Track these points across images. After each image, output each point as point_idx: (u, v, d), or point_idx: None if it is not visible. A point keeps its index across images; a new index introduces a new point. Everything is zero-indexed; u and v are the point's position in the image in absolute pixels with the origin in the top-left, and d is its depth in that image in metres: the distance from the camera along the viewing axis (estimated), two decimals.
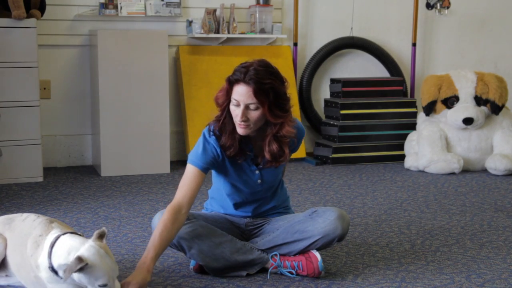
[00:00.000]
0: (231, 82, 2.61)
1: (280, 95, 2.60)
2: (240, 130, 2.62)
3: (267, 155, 2.68)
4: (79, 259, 2.24)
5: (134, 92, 4.80)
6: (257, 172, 2.77)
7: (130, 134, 4.82)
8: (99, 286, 2.30)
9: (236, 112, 2.60)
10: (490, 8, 6.15)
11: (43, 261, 2.37)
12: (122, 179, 4.69)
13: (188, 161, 2.70)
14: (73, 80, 5.11)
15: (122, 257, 3.03)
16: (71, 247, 2.32)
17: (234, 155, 2.68)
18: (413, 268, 2.93)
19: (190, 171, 2.67)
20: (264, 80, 2.55)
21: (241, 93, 2.57)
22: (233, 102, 2.61)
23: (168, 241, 2.57)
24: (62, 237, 2.37)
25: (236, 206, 2.86)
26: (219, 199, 2.89)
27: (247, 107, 2.58)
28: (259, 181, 2.79)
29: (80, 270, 2.24)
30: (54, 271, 2.33)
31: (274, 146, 2.66)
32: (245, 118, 2.59)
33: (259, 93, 2.55)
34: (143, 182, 4.61)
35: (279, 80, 2.61)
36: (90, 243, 2.32)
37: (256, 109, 2.58)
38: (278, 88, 2.59)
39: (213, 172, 2.85)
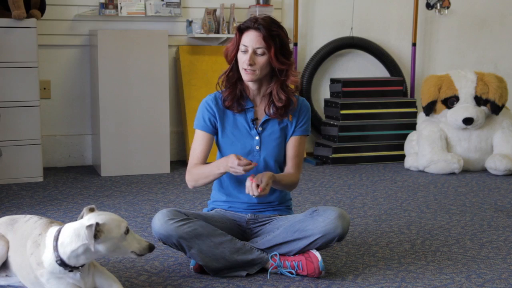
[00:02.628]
0: (241, 30, 2.80)
1: (285, 44, 2.80)
2: (246, 76, 2.79)
3: (280, 104, 2.82)
4: (89, 226, 2.28)
5: (134, 92, 4.80)
6: (257, 138, 2.84)
7: (130, 134, 4.82)
8: (125, 233, 2.36)
9: (243, 58, 2.77)
10: (490, 8, 6.15)
11: (47, 257, 2.38)
12: (122, 179, 4.69)
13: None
14: (73, 80, 5.11)
15: (122, 257, 3.03)
16: (76, 229, 2.35)
17: (231, 105, 2.83)
18: (413, 268, 2.93)
19: (196, 134, 2.89)
20: (272, 27, 2.76)
21: (251, 37, 2.76)
22: (241, 48, 2.79)
23: None
24: (63, 228, 2.40)
25: (241, 188, 2.87)
26: (223, 184, 2.90)
27: (254, 52, 2.76)
28: (257, 147, 2.83)
29: (99, 234, 2.28)
30: (63, 263, 2.35)
31: (283, 96, 2.82)
32: (252, 62, 2.75)
33: (267, 38, 2.74)
34: (143, 182, 4.61)
35: (284, 32, 2.82)
36: (87, 216, 2.37)
37: (263, 54, 2.76)
38: (284, 38, 2.80)
39: (217, 154, 2.91)
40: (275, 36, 2.75)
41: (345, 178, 4.81)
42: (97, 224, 2.29)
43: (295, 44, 5.51)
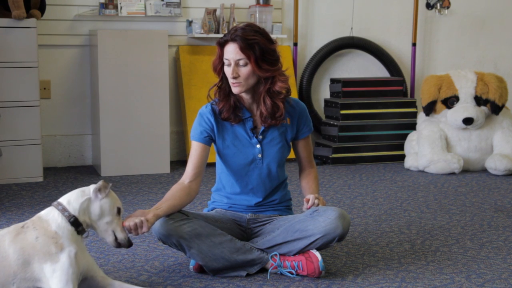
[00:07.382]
0: (221, 44, 2.79)
1: (266, 50, 2.74)
2: (234, 89, 2.77)
3: (264, 112, 2.80)
4: (104, 180, 2.41)
5: (134, 92, 4.80)
6: (258, 146, 2.84)
7: (130, 134, 4.82)
8: (117, 209, 2.45)
9: (228, 72, 2.75)
10: (490, 8, 6.15)
11: (58, 223, 2.37)
12: (122, 179, 4.69)
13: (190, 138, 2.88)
14: (73, 80, 5.11)
15: (122, 257, 3.04)
16: (80, 189, 2.44)
17: (227, 117, 2.82)
18: (413, 268, 2.93)
19: (192, 146, 2.85)
20: (249, 36, 2.72)
21: (230, 51, 2.74)
22: (225, 62, 2.77)
23: (171, 199, 2.72)
24: (61, 198, 2.44)
25: (241, 194, 2.89)
26: (225, 185, 2.90)
27: (237, 64, 2.74)
28: (259, 155, 2.83)
29: (107, 191, 2.41)
30: (76, 221, 2.38)
31: (269, 102, 2.79)
32: (236, 75, 2.73)
33: (245, 48, 2.71)
34: (143, 182, 4.61)
35: (266, 37, 2.77)
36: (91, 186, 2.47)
37: (245, 65, 2.73)
38: (264, 44, 2.74)
39: (217, 159, 2.90)
40: (253, 44, 2.70)
41: (345, 178, 4.81)
42: (110, 185, 2.44)
43: (295, 44, 5.52)
